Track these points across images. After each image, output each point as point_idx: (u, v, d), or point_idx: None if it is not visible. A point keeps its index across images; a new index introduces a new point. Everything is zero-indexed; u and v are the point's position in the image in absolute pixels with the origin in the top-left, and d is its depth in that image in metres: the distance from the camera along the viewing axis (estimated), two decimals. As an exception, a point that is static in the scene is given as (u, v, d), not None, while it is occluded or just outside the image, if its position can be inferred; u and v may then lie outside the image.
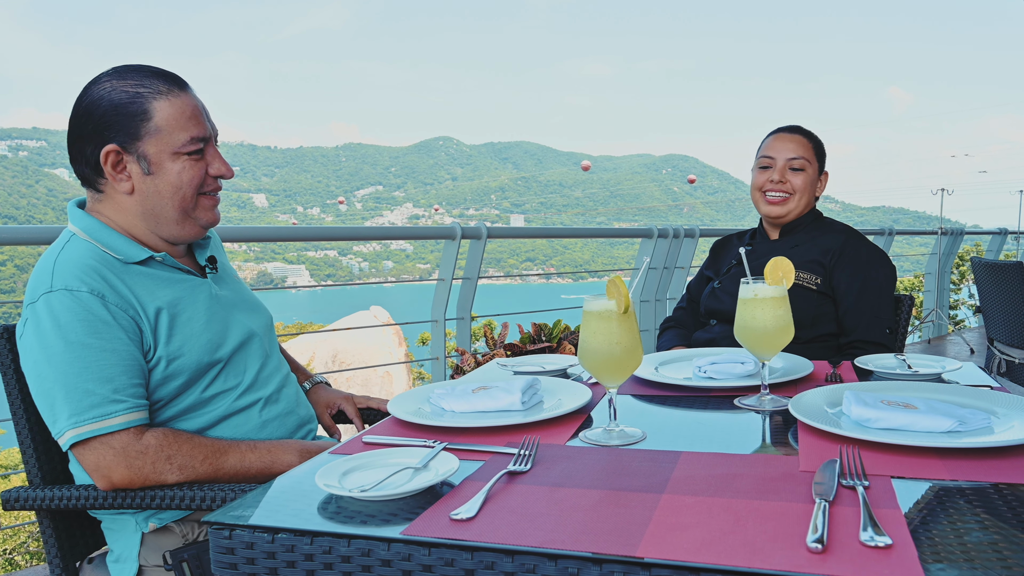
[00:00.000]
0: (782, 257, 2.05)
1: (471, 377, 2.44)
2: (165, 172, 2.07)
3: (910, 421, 1.60)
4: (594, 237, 7.87)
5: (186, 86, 2.10)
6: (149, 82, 2.03)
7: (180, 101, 2.07)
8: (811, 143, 3.15)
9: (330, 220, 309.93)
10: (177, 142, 2.06)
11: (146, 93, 2.02)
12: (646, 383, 2.23)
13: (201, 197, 2.15)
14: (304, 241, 5.60)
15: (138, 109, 2.02)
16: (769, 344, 1.96)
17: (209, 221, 2.21)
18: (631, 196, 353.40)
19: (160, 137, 2.04)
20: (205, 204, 2.17)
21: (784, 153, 3.13)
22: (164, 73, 2.08)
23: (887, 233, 10.08)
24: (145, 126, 2.02)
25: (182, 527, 2.10)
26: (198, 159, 2.11)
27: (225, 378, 2.17)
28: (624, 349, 1.68)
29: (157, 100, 2.03)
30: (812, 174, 3.13)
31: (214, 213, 2.21)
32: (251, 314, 2.33)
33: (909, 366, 2.27)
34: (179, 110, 2.06)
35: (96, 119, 2.01)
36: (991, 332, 5.62)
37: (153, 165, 2.05)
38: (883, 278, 3.02)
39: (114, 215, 2.10)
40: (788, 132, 3.18)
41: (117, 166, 2.04)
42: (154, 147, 2.04)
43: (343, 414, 2.68)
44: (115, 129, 2.01)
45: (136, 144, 2.03)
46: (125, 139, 2.02)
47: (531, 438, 1.65)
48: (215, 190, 2.19)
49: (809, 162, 3.12)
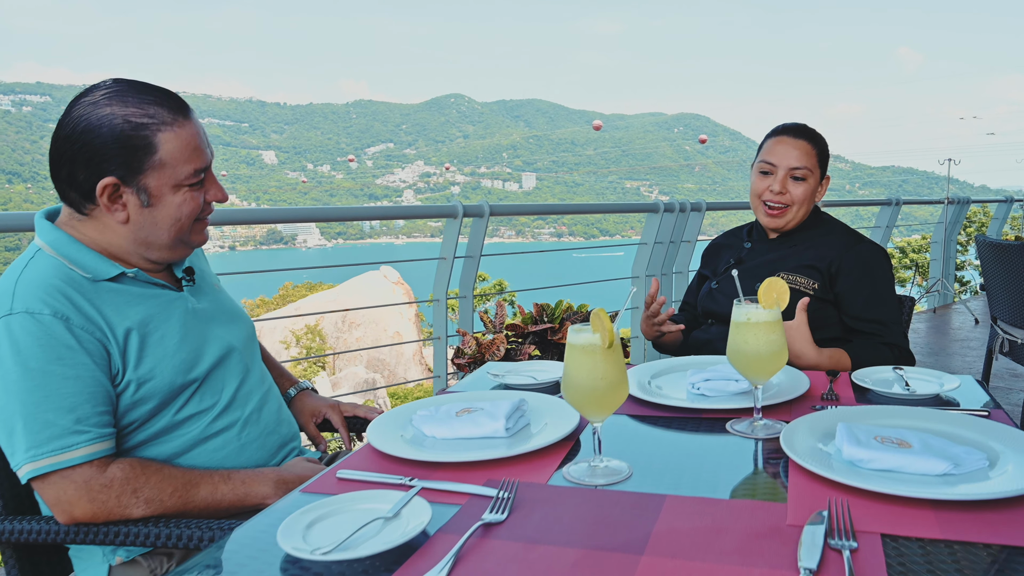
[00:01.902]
0: (776, 278, 1.98)
1: (461, 390, 2.39)
2: (165, 205, 1.99)
3: (903, 463, 1.54)
4: (599, 213, 7.75)
5: (189, 111, 2.01)
6: (154, 111, 1.93)
7: (185, 132, 1.97)
8: (816, 148, 3.01)
9: (340, 178, 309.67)
10: (181, 175, 1.97)
11: (151, 124, 1.92)
12: (638, 402, 2.16)
13: (196, 223, 2.09)
14: (299, 222, 5.53)
15: (143, 143, 1.91)
16: (762, 369, 1.89)
17: (201, 242, 2.15)
18: (643, 155, 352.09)
19: (164, 171, 1.95)
20: (198, 228, 2.10)
21: (787, 160, 2.98)
22: (167, 99, 1.97)
23: (894, 203, 9.96)
24: (149, 160, 1.93)
25: (150, 561, 2.03)
26: (198, 189, 2.03)
27: (200, 399, 2.09)
28: (609, 384, 1.62)
29: (163, 132, 1.93)
30: (813, 184, 3.00)
31: (205, 233, 2.15)
32: (231, 326, 2.25)
33: (907, 383, 2.20)
34: (185, 142, 1.97)
35: (95, 148, 1.89)
36: (995, 311, 5.55)
37: (153, 198, 1.97)
38: (888, 278, 2.94)
39: (95, 235, 2.01)
40: (792, 136, 3.01)
41: (113, 197, 1.94)
42: (156, 180, 1.95)
43: (329, 422, 2.61)
44: (115, 162, 1.90)
45: (137, 178, 1.93)
46: (125, 172, 1.92)
47: (510, 481, 1.59)
48: (208, 214, 2.11)
49: (811, 171, 2.98)
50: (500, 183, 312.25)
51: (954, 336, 8.81)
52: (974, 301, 11.48)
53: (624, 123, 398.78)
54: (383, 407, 23.66)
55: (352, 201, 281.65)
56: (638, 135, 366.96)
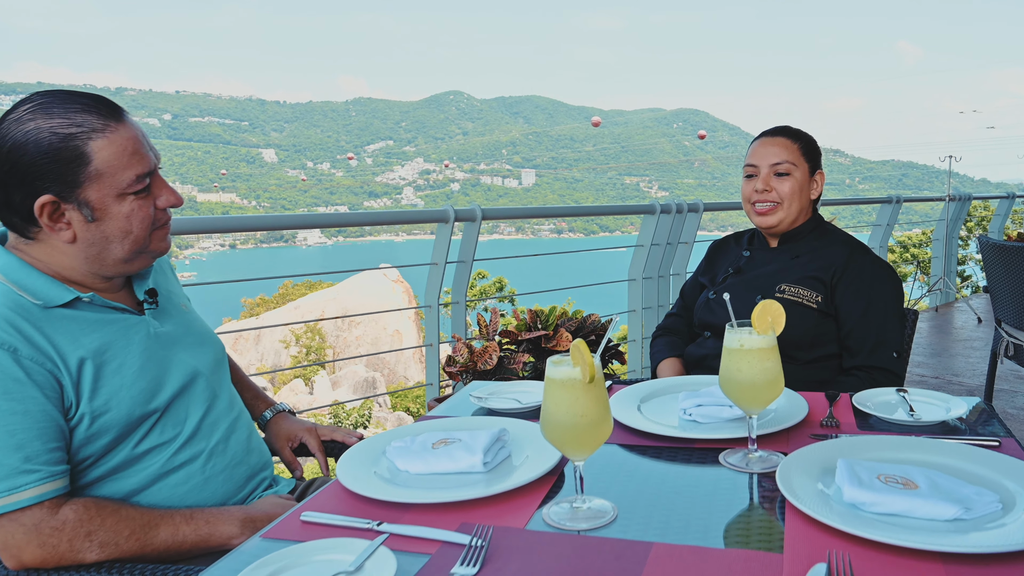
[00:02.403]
0: (771, 300, 1.85)
1: (442, 415, 2.28)
2: (112, 217, 1.86)
3: (910, 507, 1.43)
4: (594, 215, 7.61)
5: (123, 115, 1.87)
6: (82, 119, 1.79)
7: (119, 137, 1.83)
8: (797, 143, 2.92)
9: (340, 175, 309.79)
10: (122, 183, 1.84)
11: (80, 133, 1.78)
12: (626, 429, 2.04)
13: (155, 231, 1.96)
14: (282, 229, 5.42)
15: (73, 154, 1.78)
16: (757, 399, 1.77)
17: (162, 251, 2.02)
18: (642, 151, 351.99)
19: (102, 181, 1.82)
20: (158, 236, 1.98)
21: (766, 159, 2.91)
22: (96, 104, 1.84)
23: (894, 201, 9.83)
24: (84, 171, 1.79)
25: None
26: (146, 196, 1.90)
27: (161, 430, 1.97)
28: (590, 422, 1.50)
29: (94, 140, 1.80)
30: (800, 177, 2.90)
31: (167, 241, 2.02)
32: (197, 350, 2.12)
33: (911, 408, 2.07)
34: (120, 148, 1.83)
35: (24, 167, 1.76)
36: (999, 313, 5.43)
37: (97, 211, 1.84)
38: (889, 296, 2.79)
39: (45, 258, 1.89)
40: (770, 136, 2.96)
41: (54, 215, 1.82)
42: (96, 192, 1.82)
43: (306, 446, 2.49)
44: (49, 178, 1.77)
45: (75, 192, 1.80)
46: (62, 188, 1.79)
47: (484, 527, 1.47)
48: (166, 221, 1.99)
49: (795, 165, 2.89)
50: (500, 180, 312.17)
51: (956, 336, 8.69)
52: (976, 299, 11.35)
53: (623, 119, 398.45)
54: (383, 405, 23.41)
55: (352, 199, 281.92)
56: (637, 131, 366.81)
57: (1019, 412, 5.84)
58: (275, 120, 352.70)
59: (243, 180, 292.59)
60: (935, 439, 1.83)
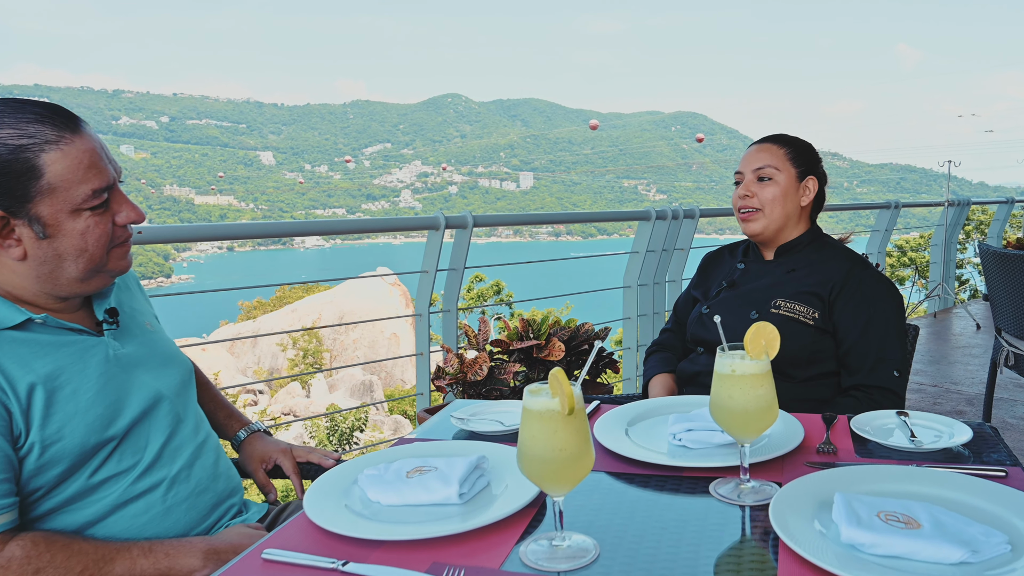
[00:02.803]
0: (764, 323, 1.74)
1: (421, 437, 2.18)
2: (65, 234, 1.75)
3: (912, 548, 1.33)
4: (588, 222, 7.51)
5: (80, 125, 1.76)
6: (34, 130, 1.69)
7: (75, 149, 1.72)
8: (784, 148, 2.83)
9: (338, 178, 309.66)
10: (76, 198, 1.73)
11: (32, 145, 1.68)
12: (612, 455, 1.94)
13: (113, 250, 1.86)
14: (272, 237, 5.33)
15: (24, 166, 1.67)
16: (749, 428, 1.67)
17: (121, 270, 1.91)
18: (640, 154, 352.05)
19: (55, 196, 1.71)
20: (117, 254, 1.87)
21: (750, 164, 2.84)
22: (51, 114, 1.73)
23: (893, 206, 9.74)
24: (35, 185, 1.69)
25: None
26: (103, 212, 1.80)
27: (119, 458, 1.86)
28: (569, 456, 1.40)
29: (47, 152, 1.69)
30: (784, 183, 2.79)
31: (127, 260, 1.91)
32: (161, 371, 2.01)
33: (912, 433, 1.97)
34: (75, 160, 1.72)
35: None
36: (999, 322, 5.34)
37: (50, 228, 1.73)
38: (890, 313, 2.68)
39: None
40: (759, 143, 2.89)
41: (3, 231, 1.71)
42: (49, 207, 1.71)
43: (281, 469, 2.38)
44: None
45: (26, 207, 1.69)
46: (11, 203, 1.68)
47: (456, 568, 1.37)
48: (127, 238, 1.88)
49: (777, 169, 2.79)
50: (498, 183, 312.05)
51: (955, 343, 8.59)
52: (974, 305, 11.25)
53: (621, 122, 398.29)
54: (380, 409, 23.22)
55: (349, 202, 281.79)
56: (635, 134, 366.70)
57: (1019, 422, 5.75)
58: (273, 123, 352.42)
59: (241, 183, 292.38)
60: (938, 469, 1.73)
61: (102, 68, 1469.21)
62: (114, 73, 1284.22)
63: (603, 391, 5.15)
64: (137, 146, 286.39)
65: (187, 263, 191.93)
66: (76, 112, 1.78)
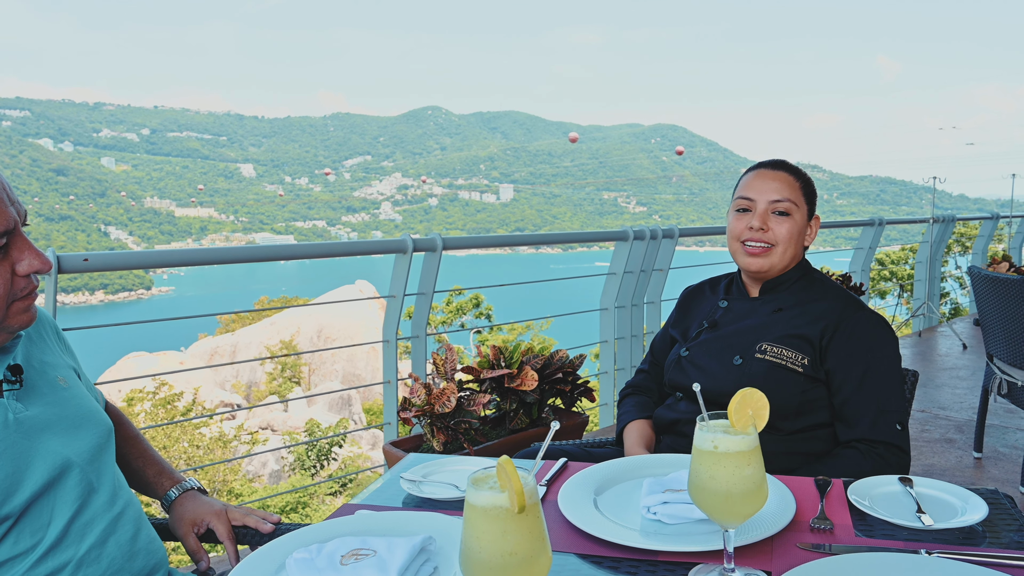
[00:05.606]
0: (753, 389, 1.51)
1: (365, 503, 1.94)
2: None
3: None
4: (564, 243, 7.28)
5: None
6: None
7: None
8: (799, 182, 2.56)
9: (318, 191, 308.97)
10: None
11: None
12: (578, 532, 1.71)
13: (14, 304, 1.62)
14: (237, 263, 5.13)
15: None
16: (733, 512, 1.44)
17: (22, 325, 1.67)
18: (620, 166, 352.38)
19: None
20: (17, 308, 1.63)
21: (766, 194, 2.53)
22: None
23: (876, 223, 9.56)
24: None
25: None
26: (1, 260, 1.57)
27: (15, 540, 1.62)
28: (522, 561, 1.17)
29: None
30: (800, 221, 2.54)
31: (30, 313, 1.67)
32: (72, 435, 1.76)
33: (919, 508, 1.74)
34: None
35: None
36: (990, 348, 5.13)
37: None
38: (890, 360, 2.43)
39: None
40: (771, 168, 2.59)
41: None
42: None
43: (214, 533, 2.12)
44: None
45: None
46: None
47: None
48: (31, 291, 1.65)
49: (796, 205, 2.53)
50: (478, 195, 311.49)
51: (941, 364, 8.39)
52: (959, 323, 11.07)
53: (601, 134, 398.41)
54: (358, 423, 22.99)
55: (329, 214, 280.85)
56: (615, 146, 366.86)
57: (1011, 451, 5.55)
58: (253, 135, 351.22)
59: (221, 195, 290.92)
60: (950, 558, 1.51)
61: (83, 80, 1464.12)
62: (95, 85, 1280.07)
63: (578, 420, 4.93)
64: (118, 158, 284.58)
65: (167, 275, 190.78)
66: (57, 124, 1.55)
